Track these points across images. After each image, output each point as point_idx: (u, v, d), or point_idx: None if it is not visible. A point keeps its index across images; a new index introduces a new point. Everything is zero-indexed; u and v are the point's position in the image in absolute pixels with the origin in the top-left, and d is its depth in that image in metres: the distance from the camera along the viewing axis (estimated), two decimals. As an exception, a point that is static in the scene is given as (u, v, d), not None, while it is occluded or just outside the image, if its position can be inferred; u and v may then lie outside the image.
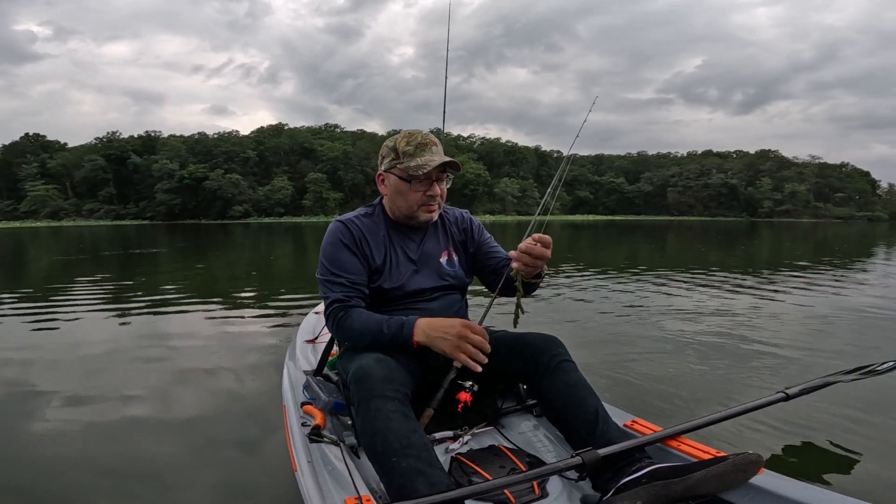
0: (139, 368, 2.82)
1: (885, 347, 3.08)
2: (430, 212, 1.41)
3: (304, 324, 2.52)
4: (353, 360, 1.24)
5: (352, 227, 1.41)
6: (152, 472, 1.67)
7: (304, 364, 1.88)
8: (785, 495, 0.96)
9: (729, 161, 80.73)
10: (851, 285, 5.95)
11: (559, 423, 1.25)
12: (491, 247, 1.54)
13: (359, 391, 1.11)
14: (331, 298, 1.34)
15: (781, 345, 3.14)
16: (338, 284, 1.34)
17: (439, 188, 1.40)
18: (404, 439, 1.03)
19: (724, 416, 1.24)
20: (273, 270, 8.68)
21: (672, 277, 6.61)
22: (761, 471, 1.02)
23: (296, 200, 58.94)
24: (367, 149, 64.20)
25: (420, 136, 1.38)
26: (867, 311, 4.25)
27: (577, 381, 1.23)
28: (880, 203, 73.63)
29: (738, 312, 4.17)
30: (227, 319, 4.18)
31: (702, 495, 0.98)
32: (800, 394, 1.37)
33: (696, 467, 1.01)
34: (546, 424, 1.40)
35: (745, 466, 1.00)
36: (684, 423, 1.21)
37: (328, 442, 1.25)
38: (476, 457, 1.25)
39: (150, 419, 2.13)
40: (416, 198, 1.38)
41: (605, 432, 1.15)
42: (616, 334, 3.50)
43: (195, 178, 56.27)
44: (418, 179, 1.36)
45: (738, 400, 2.16)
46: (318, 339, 2.22)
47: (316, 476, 1.14)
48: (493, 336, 1.38)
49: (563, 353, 1.28)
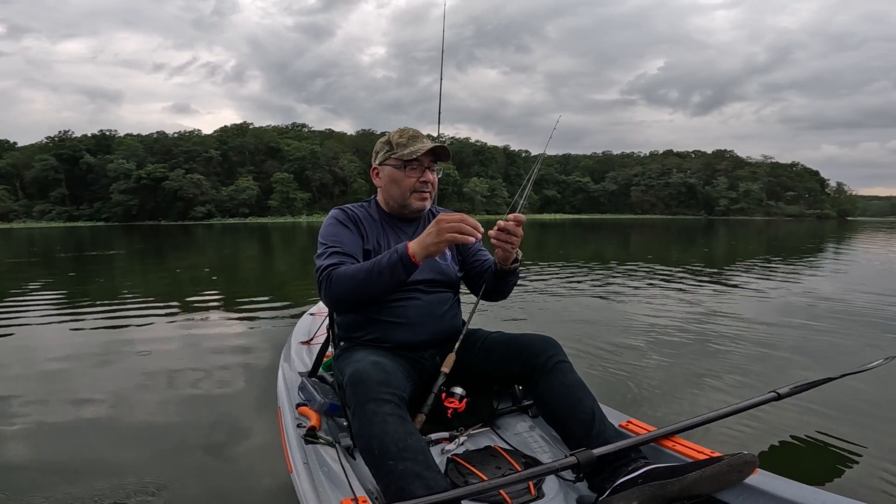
0: (123, 373, 2.75)
1: (871, 341, 3.17)
2: (422, 199, 1.46)
3: (299, 325, 2.51)
4: (348, 363, 1.24)
5: (349, 211, 1.48)
6: (146, 476, 1.66)
7: (299, 365, 1.88)
8: (780, 495, 0.96)
9: (688, 161, 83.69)
10: (829, 280, 6.23)
11: (555, 424, 1.25)
12: (478, 249, 1.57)
13: (355, 394, 1.11)
14: (324, 265, 1.32)
15: (770, 343, 3.16)
16: (332, 254, 1.35)
17: (431, 175, 1.46)
18: (401, 442, 1.03)
19: (717, 415, 1.26)
20: (242, 271, 8.53)
21: (654, 276, 6.75)
22: (756, 471, 1.03)
23: (261, 201, 57.57)
24: (336, 148, 63.40)
25: (412, 131, 1.47)
26: (849, 306, 4.35)
27: (573, 382, 1.24)
28: (829, 201, 77.63)
29: (725, 311, 4.21)
30: (209, 321, 4.10)
31: (697, 495, 0.99)
32: (791, 393, 1.38)
33: (691, 467, 1.01)
34: (542, 425, 1.40)
35: (740, 466, 1.01)
36: (678, 423, 1.22)
37: (324, 443, 1.25)
38: (472, 458, 1.25)
39: (140, 424, 2.10)
40: (410, 183, 1.43)
41: (601, 432, 1.16)
42: (603, 331, 3.49)
43: (154, 178, 54.19)
44: (412, 166, 1.42)
45: (731, 400, 2.18)
46: (313, 340, 2.21)
47: (311, 477, 1.13)
48: (488, 338, 1.42)
49: (560, 354, 1.29)
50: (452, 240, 1.19)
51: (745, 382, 2.47)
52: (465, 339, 1.40)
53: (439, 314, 1.43)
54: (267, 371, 2.63)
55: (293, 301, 4.85)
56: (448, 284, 1.48)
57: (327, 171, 60.31)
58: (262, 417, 2.08)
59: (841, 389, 1.98)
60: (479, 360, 1.39)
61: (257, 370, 2.74)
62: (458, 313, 1.52)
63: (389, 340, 1.38)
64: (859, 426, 1.91)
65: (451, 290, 1.50)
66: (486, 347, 1.39)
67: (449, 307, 1.47)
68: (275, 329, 3.71)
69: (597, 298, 5.01)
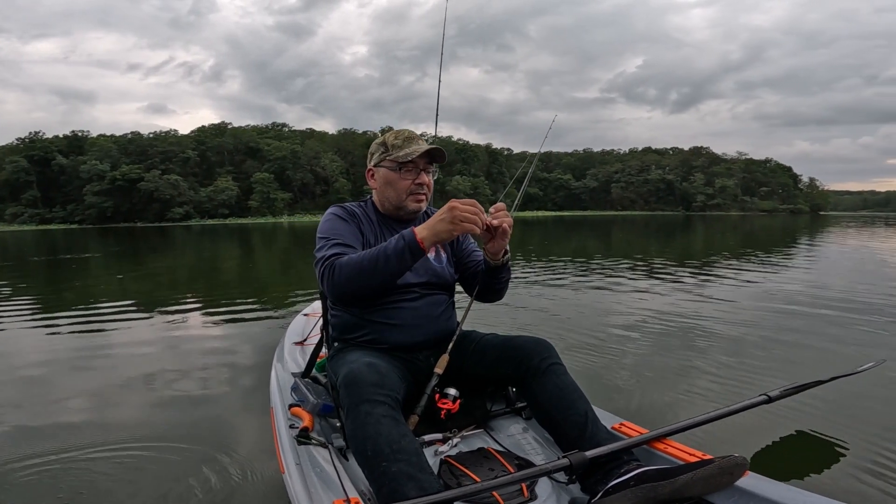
0: (109, 376, 2.72)
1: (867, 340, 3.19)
2: (418, 201, 1.46)
3: (293, 326, 2.50)
4: (342, 364, 1.24)
5: (347, 208, 1.49)
6: (137, 476, 1.66)
7: (293, 366, 1.87)
8: (770, 498, 0.97)
9: (666, 158, 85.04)
10: (812, 275, 6.34)
11: (548, 426, 1.25)
12: (472, 250, 1.57)
13: (349, 395, 1.11)
14: (325, 256, 1.31)
15: (761, 345, 3.16)
16: (333, 245, 1.34)
17: (427, 177, 1.45)
18: (394, 444, 1.03)
19: (709, 418, 1.26)
20: (226, 272, 8.41)
21: (639, 272, 6.80)
22: (746, 473, 1.04)
23: (241, 201, 56.64)
24: (317, 148, 62.72)
25: (407, 132, 1.46)
26: (846, 304, 4.34)
27: (566, 384, 1.25)
28: (801, 196, 79.72)
29: (717, 311, 4.20)
30: (195, 323, 4.05)
31: (688, 498, 1.00)
32: (781, 396, 1.39)
33: (682, 470, 1.02)
34: (535, 427, 1.40)
35: (731, 469, 1.02)
36: (670, 426, 1.23)
37: (316, 444, 1.24)
38: (465, 459, 1.25)
39: (130, 425, 2.08)
40: (406, 185, 1.43)
41: (593, 435, 1.16)
42: (597, 334, 3.45)
43: (128, 179, 52.88)
44: (407, 168, 1.41)
45: (723, 402, 2.16)
46: (306, 341, 2.20)
47: (304, 478, 1.13)
48: (482, 339, 1.42)
49: (553, 356, 1.30)
50: (466, 229, 1.19)
51: (737, 384, 2.47)
52: (459, 341, 1.40)
53: (434, 316, 1.43)
54: (260, 372, 2.60)
55: (277, 302, 4.81)
56: (443, 286, 1.49)
57: (308, 171, 59.64)
58: (254, 418, 2.07)
59: (831, 392, 1.98)
60: (472, 362, 1.39)
61: (250, 371, 2.71)
62: (453, 315, 1.52)
63: (384, 342, 1.38)
64: (850, 429, 1.90)
65: (446, 292, 1.50)
66: (479, 349, 1.40)
67: (444, 309, 1.47)
68: (266, 330, 3.68)
69: (590, 296, 4.99)
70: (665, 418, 2.08)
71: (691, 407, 2.21)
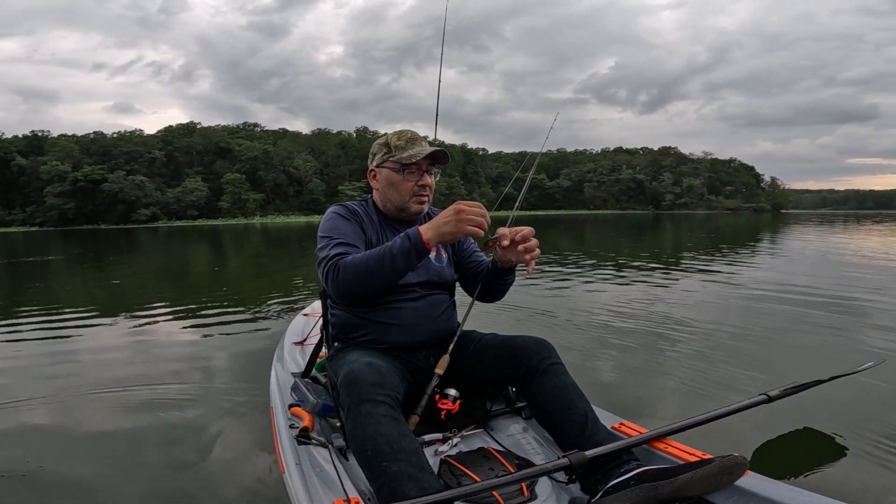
0: (112, 375, 2.68)
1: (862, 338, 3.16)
2: (421, 202, 1.45)
3: (293, 326, 2.49)
4: (343, 364, 1.24)
5: (349, 207, 1.48)
6: (136, 477, 1.65)
7: (292, 366, 1.87)
8: (770, 497, 0.97)
9: (636, 158, 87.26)
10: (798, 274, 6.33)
11: (548, 426, 1.25)
12: (473, 251, 1.57)
13: (349, 395, 1.11)
14: (329, 255, 1.30)
15: (759, 343, 3.14)
16: (336, 244, 1.33)
17: (430, 179, 1.44)
18: (394, 444, 1.03)
19: (709, 417, 1.26)
20: (220, 273, 8.23)
21: (627, 271, 6.76)
22: (746, 473, 1.03)
23: (211, 202, 55.29)
24: (290, 148, 61.76)
25: (409, 133, 1.45)
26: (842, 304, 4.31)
27: (566, 384, 1.24)
28: (763, 195, 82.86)
29: (713, 311, 4.16)
30: (195, 323, 3.98)
31: (688, 497, 0.99)
32: (781, 395, 1.38)
33: (682, 469, 1.02)
34: (535, 427, 1.39)
35: (731, 468, 1.02)
36: (670, 426, 1.23)
37: (316, 444, 1.24)
38: (465, 459, 1.25)
39: (130, 423, 2.07)
40: (409, 187, 1.42)
41: (593, 434, 1.16)
42: (597, 334, 3.43)
43: (91, 180, 51.10)
44: (410, 170, 1.41)
45: (722, 401, 2.16)
46: (306, 341, 2.19)
47: (304, 478, 1.13)
48: (482, 339, 1.42)
49: (553, 356, 1.30)
50: (470, 232, 1.20)
51: (736, 383, 2.46)
52: (460, 341, 1.41)
53: (435, 316, 1.43)
54: (259, 372, 2.57)
55: (274, 302, 4.75)
56: (444, 286, 1.49)
57: (281, 172, 58.66)
58: (254, 418, 2.05)
59: (831, 392, 1.95)
60: (472, 362, 1.40)
61: (249, 371, 2.68)
62: (453, 315, 1.52)
63: (385, 342, 1.38)
64: (849, 429, 1.89)
65: (446, 292, 1.51)
66: (479, 349, 1.40)
67: (445, 309, 1.47)
68: (266, 330, 3.64)
69: (589, 296, 4.94)
70: (665, 418, 2.05)
71: (691, 406, 2.19)
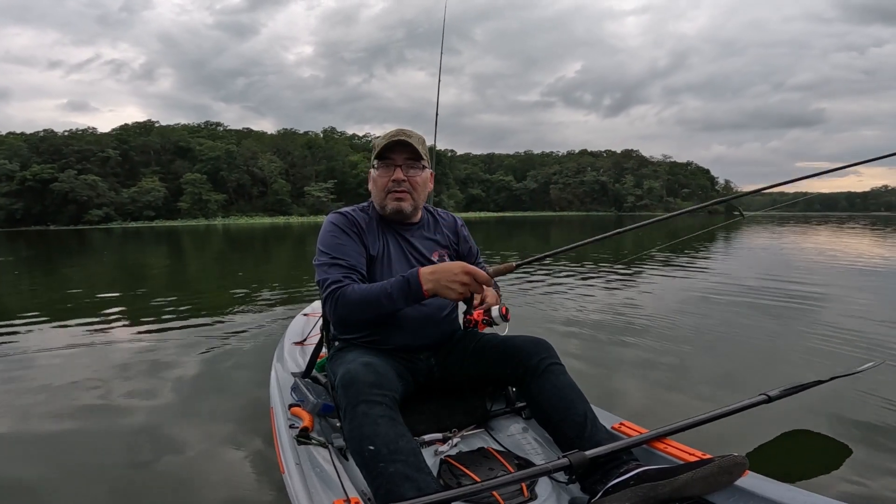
0: (111, 375, 2.65)
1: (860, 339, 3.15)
2: (397, 199, 1.41)
3: (293, 326, 2.47)
4: (340, 364, 1.24)
5: (349, 216, 1.44)
6: (137, 475, 1.64)
7: (292, 366, 1.87)
8: (769, 497, 0.97)
9: (600, 160, 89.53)
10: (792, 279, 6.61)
11: (548, 426, 1.25)
12: (473, 259, 1.58)
13: (346, 396, 1.11)
14: (329, 280, 1.31)
15: (757, 343, 3.15)
16: (336, 266, 1.33)
17: (403, 174, 1.40)
18: (392, 444, 1.03)
19: (708, 418, 1.26)
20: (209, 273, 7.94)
21: (624, 273, 6.63)
22: (746, 473, 1.04)
23: (170, 203, 53.29)
24: (255, 148, 60.25)
25: (394, 131, 1.42)
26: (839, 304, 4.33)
27: (565, 384, 1.25)
28: (717, 197, 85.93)
29: (712, 310, 4.17)
30: (193, 323, 3.87)
31: (688, 497, 1.00)
32: (781, 396, 1.38)
33: (682, 469, 1.02)
34: (535, 427, 1.40)
35: (731, 468, 1.02)
36: (670, 426, 1.23)
37: (316, 444, 1.24)
38: (465, 459, 1.25)
39: (130, 423, 2.06)
40: (384, 183, 1.41)
41: (593, 434, 1.16)
42: (596, 333, 3.41)
43: (40, 179, 48.44)
44: (385, 165, 1.40)
45: (722, 401, 2.21)
46: (306, 341, 2.18)
47: (304, 478, 1.13)
48: (482, 339, 1.43)
49: (553, 356, 1.30)
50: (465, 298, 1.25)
51: (736, 384, 2.48)
52: (459, 341, 1.44)
53: (438, 319, 1.45)
54: (259, 372, 2.54)
55: (269, 301, 4.64)
56: None
57: (245, 172, 57.13)
58: (254, 418, 2.03)
59: (831, 392, 1.97)
60: (472, 362, 1.41)
61: (249, 371, 2.65)
62: (456, 317, 1.54)
63: (387, 343, 1.39)
64: (849, 429, 1.90)
65: None
66: (479, 349, 1.41)
67: (448, 312, 1.49)
68: (265, 330, 3.59)
69: (587, 295, 4.93)
70: (664, 418, 2.14)
71: (691, 406, 2.19)
